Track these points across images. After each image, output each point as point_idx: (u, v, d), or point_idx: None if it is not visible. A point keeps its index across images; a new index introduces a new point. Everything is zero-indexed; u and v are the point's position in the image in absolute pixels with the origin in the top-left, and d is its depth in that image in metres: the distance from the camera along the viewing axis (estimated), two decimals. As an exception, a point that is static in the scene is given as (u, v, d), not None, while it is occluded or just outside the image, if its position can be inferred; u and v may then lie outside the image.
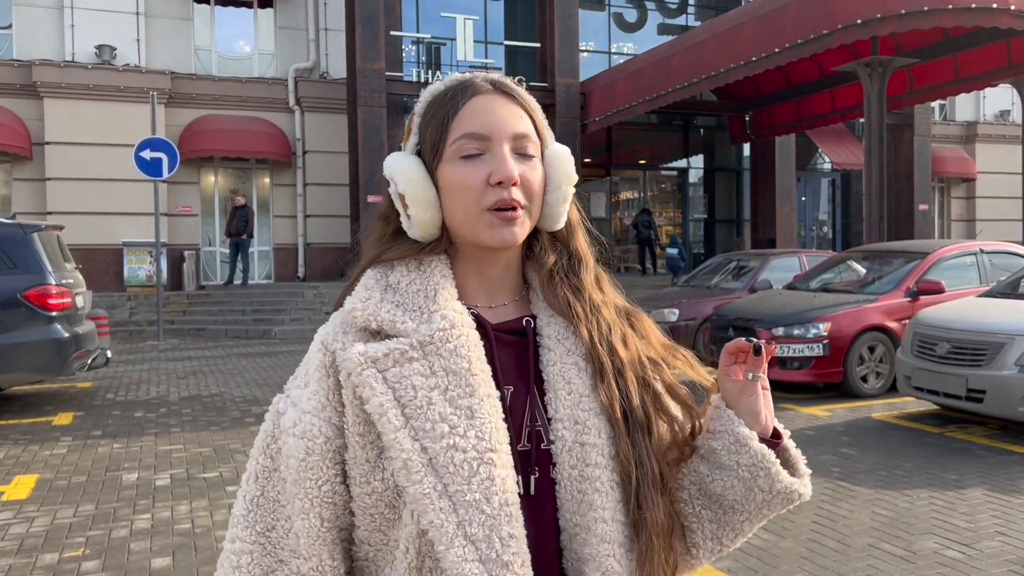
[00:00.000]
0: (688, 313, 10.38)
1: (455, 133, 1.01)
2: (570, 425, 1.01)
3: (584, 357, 1.05)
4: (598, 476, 1.00)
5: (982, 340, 6.25)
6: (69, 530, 4.42)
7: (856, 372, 7.94)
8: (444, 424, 0.95)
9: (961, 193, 24.24)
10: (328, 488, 0.98)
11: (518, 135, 1.02)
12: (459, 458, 0.94)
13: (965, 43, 13.86)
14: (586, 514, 0.99)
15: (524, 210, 1.02)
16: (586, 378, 1.04)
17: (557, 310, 1.06)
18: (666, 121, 20.99)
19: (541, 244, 1.10)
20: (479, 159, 1.01)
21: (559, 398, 1.02)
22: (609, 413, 1.02)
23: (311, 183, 17.98)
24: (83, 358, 7.80)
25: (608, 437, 1.02)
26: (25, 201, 16.10)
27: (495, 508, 0.94)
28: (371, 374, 0.96)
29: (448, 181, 1.02)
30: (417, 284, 1.03)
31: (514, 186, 1.00)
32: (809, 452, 5.82)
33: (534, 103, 1.08)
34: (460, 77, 1.06)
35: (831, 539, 4.15)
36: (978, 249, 8.85)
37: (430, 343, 0.98)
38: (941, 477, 5.24)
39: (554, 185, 1.06)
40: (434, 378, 0.97)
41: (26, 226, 7.71)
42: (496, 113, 1.02)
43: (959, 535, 4.18)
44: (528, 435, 1.02)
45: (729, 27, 13.89)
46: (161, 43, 17.07)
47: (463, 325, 1.00)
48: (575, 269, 1.10)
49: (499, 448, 0.96)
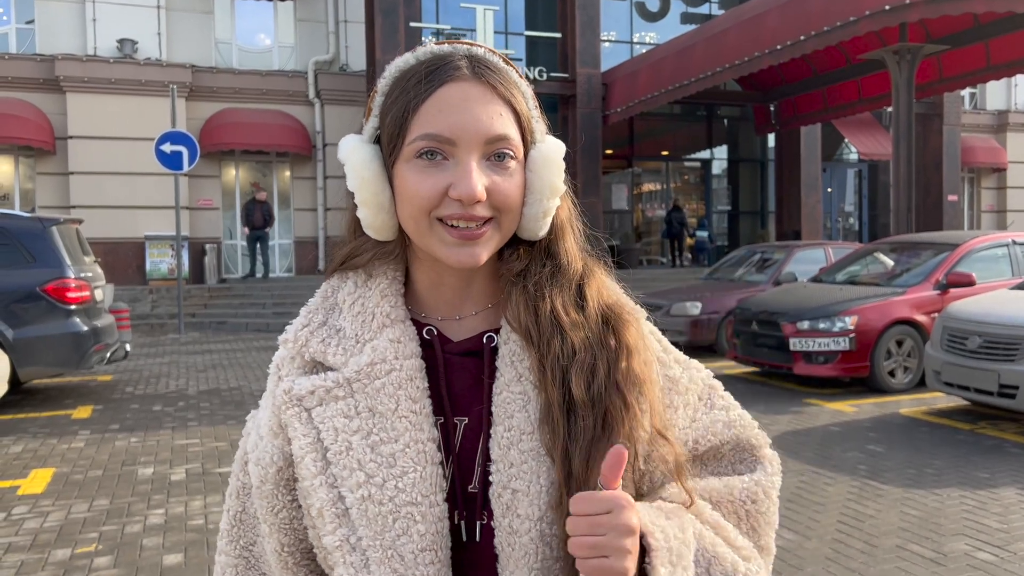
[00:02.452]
0: (711, 306, 10.23)
1: (416, 129, 0.85)
2: (504, 468, 0.86)
3: (535, 384, 0.88)
4: (526, 530, 0.84)
5: (1015, 334, 6.06)
6: (83, 525, 4.39)
7: (883, 367, 7.76)
8: (361, 472, 0.85)
9: (992, 183, 23.77)
10: (284, 515, 0.92)
11: (492, 138, 0.85)
12: (373, 511, 0.85)
13: (997, 29, 13.52)
14: (513, 572, 0.85)
15: (491, 223, 0.86)
16: (533, 411, 0.87)
17: (516, 324, 0.89)
18: (689, 111, 20.76)
19: (515, 248, 0.93)
20: (440, 163, 0.85)
21: (497, 435, 0.87)
22: (551, 455, 0.85)
23: (331, 176, 17.96)
24: (102, 352, 7.81)
25: (550, 484, 0.85)
26: (49, 195, 16.23)
27: (408, 567, 0.84)
28: (294, 414, 0.89)
29: (401, 183, 0.87)
30: (359, 305, 0.92)
31: (478, 203, 0.85)
32: (835, 449, 5.70)
33: (523, 88, 0.90)
34: (435, 51, 0.89)
35: (858, 540, 4.02)
36: (1010, 240, 8.62)
37: (357, 379, 0.88)
38: (972, 476, 5.08)
39: (534, 197, 0.89)
40: (357, 419, 0.87)
41: (45, 220, 7.72)
42: (468, 111, 0.84)
43: (991, 536, 4.04)
44: (479, 474, 0.89)
45: (753, 15, 13.65)
46: (182, 37, 17.12)
47: (397, 356, 0.88)
48: (550, 277, 0.92)
49: (422, 501, 0.85)
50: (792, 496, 4.71)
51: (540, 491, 0.85)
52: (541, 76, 17.32)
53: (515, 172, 0.87)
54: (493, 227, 0.87)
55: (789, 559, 3.79)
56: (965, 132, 21.89)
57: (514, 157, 0.87)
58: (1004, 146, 23.07)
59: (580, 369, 0.87)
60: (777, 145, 20.70)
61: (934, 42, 13.59)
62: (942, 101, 19.82)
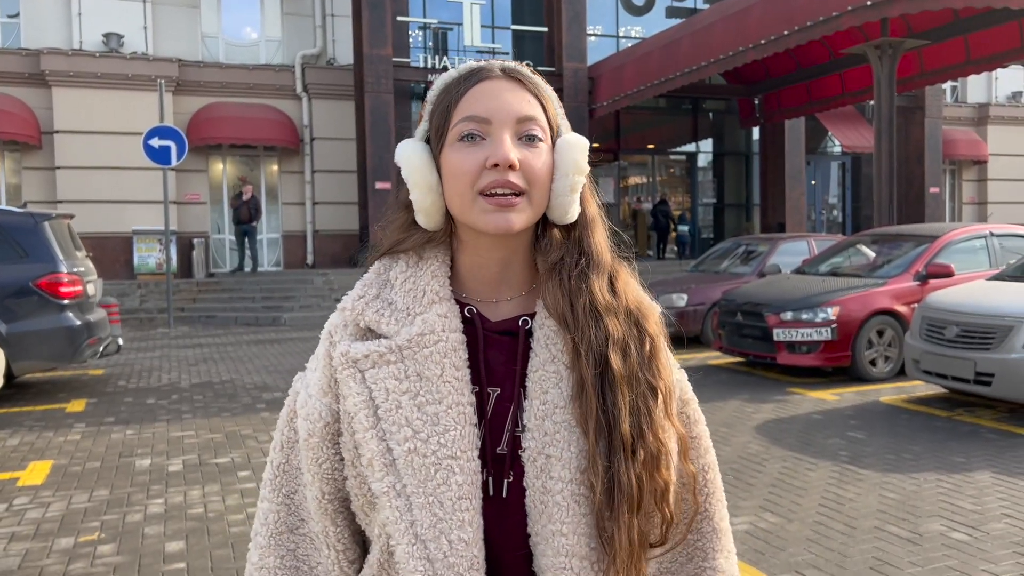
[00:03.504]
0: (697, 298, 10.39)
1: (458, 116, 1.00)
2: (539, 436, 0.99)
3: (568, 365, 1.00)
4: (560, 490, 0.98)
5: (991, 324, 6.24)
6: (84, 515, 4.48)
7: (865, 356, 7.94)
8: (408, 428, 0.98)
9: (973, 176, 24.07)
10: (327, 466, 1.04)
11: (522, 118, 0.99)
12: (418, 462, 0.97)
13: (976, 24, 13.72)
14: (546, 526, 0.98)
15: (524, 196, 0.98)
16: (565, 388, 1.00)
17: (552, 311, 1.02)
18: (675, 105, 20.91)
19: (549, 237, 1.04)
20: (479, 142, 0.98)
21: (532, 407, 1.00)
22: (583, 428, 0.98)
23: (319, 170, 18.01)
24: (95, 345, 7.87)
25: (579, 451, 0.98)
26: (35, 190, 16.19)
27: (447, 512, 0.96)
28: (350, 374, 1.01)
29: (447, 164, 1.00)
30: (411, 283, 1.04)
31: (512, 169, 0.97)
32: (817, 436, 5.86)
33: (548, 92, 1.05)
34: (473, 64, 1.04)
35: (838, 522, 4.17)
36: (988, 232, 8.82)
37: (408, 347, 1.00)
38: (949, 460, 5.25)
39: (560, 173, 1.01)
40: (406, 382, 0.99)
41: (37, 215, 7.76)
42: (501, 97, 1.00)
43: (966, 517, 4.20)
44: (508, 439, 1.02)
45: (738, 9, 13.80)
46: (168, 31, 17.09)
47: (444, 330, 1.00)
48: (584, 269, 1.03)
49: (460, 455, 0.97)
50: (775, 481, 4.87)
51: (571, 457, 0.98)
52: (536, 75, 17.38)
53: (544, 152, 1.00)
54: (525, 200, 0.98)
55: (772, 540, 3.94)
56: (946, 125, 22.14)
57: (542, 139, 1.01)
58: (985, 139, 23.37)
59: (615, 349, 1.00)
60: (762, 138, 20.90)
61: (915, 37, 13.77)
62: (924, 94, 20.05)
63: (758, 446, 5.68)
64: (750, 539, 3.96)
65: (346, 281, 15.43)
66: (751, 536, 4.00)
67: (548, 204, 1.02)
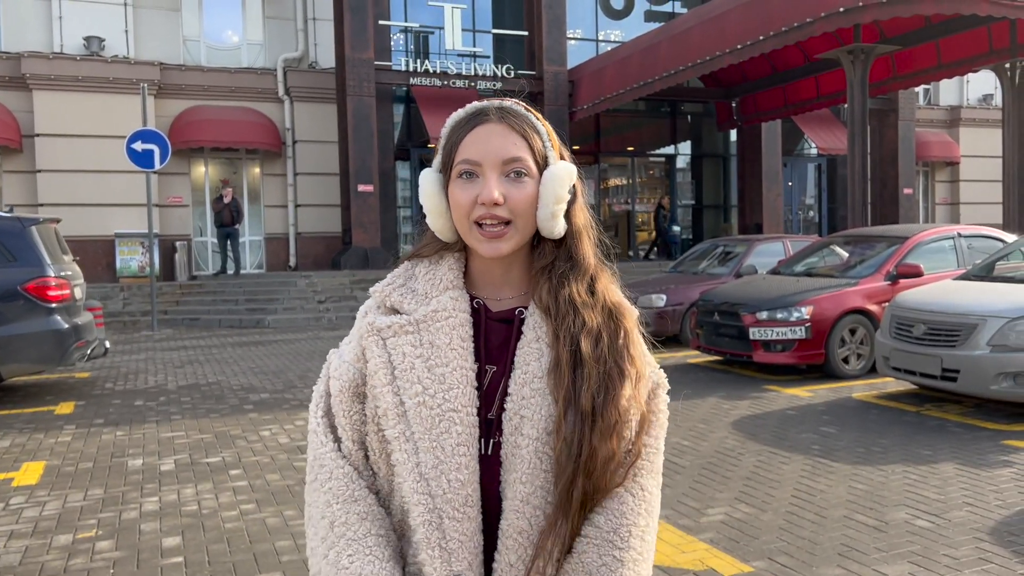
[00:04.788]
0: (675, 298, 10.60)
1: (459, 156, 1.21)
2: (517, 400, 1.18)
3: (549, 345, 1.20)
4: (526, 445, 1.16)
5: (956, 321, 6.48)
6: (80, 513, 4.60)
7: (838, 354, 8.18)
8: (419, 385, 1.18)
9: (945, 177, 24.52)
10: (356, 417, 1.26)
11: (508, 159, 1.19)
12: (425, 412, 1.17)
13: (947, 29, 14.06)
14: (511, 474, 1.17)
15: (511, 225, 1.19)
16: (544, 363, 1.19)
17: (539, 304, 1.22)
18: (654, 108, 21.16)
19: (542, 248, 1.25)
20: (474, 179, 1.20)
21: (515, 376, 1.20)
22: (555, 396, 1.17)
23: (301, 173, 18.08)
24: (83, 349, 7.95)
25: (548, 415, 1.17)
26: (16, 193, 16.15)
27: (447, 455, 1.16)
28: (374, 340, 1.23)
29: (451, 196, 1.23)
30: (431, 275, 1.26)
31: (497, 206, 1.17)
32: (791, 431, 6.07)
33: (539, 127, 1.24)
34: (477, 106, 1.24)
35: (809, 512, 4.37)
36: (956, 233, 9.08)
37: (423, 321, 1.22)
38: (916, 453, 5.47)
39: (543, 203, 1.21)
40: (420, 348, 1.20)
41: (24, 219, 7.84)
42: (491, 142, 1.19)
43: (929, 506, 4.41)
44: (497, 407, 1.21)
45: (715, 14, 14.05)
46: (150, 34, 17.11)
47: (455, 310, 1.22)
48: (569, 272, 1.23)
49: (461, 410, 1.18)
50: (749, 474, 5.06)
51: (541, 419, 1.17)
52: (508, 74, 17.58)
53: (528, 185, 1.20)
54: (512, 228, 1.20)
55: (746, 530, 4.13)
56: (919, 127, 22.56)
57: (527, 174, 1.20)
58: (957, 140, 23.81)
59: (588, 334, 1.20)
60: (739, 140, 21.20)
61: (887, 42, 14.10)
62: (897, 97, 20.43)
63: (734, 441, 5.88)
64: (725, 528, 4.15)
65: (329, 283, 15.53)
66: (726, 526, 4.19)
67: (536, 226, 1.22)
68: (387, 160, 17.52)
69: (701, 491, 4.76)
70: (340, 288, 15.44)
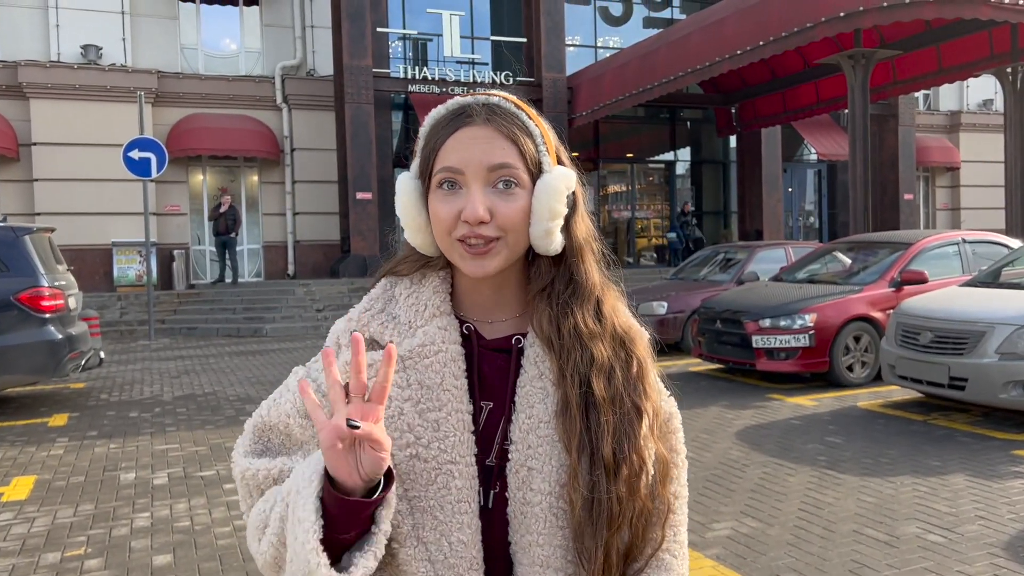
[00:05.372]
0: (677, 306, 10.50)
1: (439, 164, 1.04)
2: (522, 449, 1.03)
3: (554, 383, 1.05)
4: (538, 502, 1.02)
5: (963, 329, 6.38)
6: (70, 529, 4.48)
7: (842, 362, 8.07)
8: (410, 434, 1.02)
9: (946, 182, 24.45)
10: None
11: (494, 167, 1.02)
12: (419, 467, 1.02)
13: (947, 34, 14.00)
14: (524, 536, 1.02)
15: (499, 241, 1.02)
16: (550, 404, 1.04)
17: (539, 334, 1.07)
18: (653, 114, 21.11)
19: (538, 266, 1.09)
20: (456, 192, 1.02)
21: (519, 421, 1.04)
22: (566, 443, 1.02)
23: (299, 180, 18.00)
24: (77, 359, 7.84)
25: (560, 465, 1.02)
26: (13, 202, 16.06)
27: (447, 515, 1.01)
28: None
29: (431, 208, 1.05)
30: (413, 298, 1.09)
31: (483, 224, 1.01)
32: (796, 441, 5.96)
33: (531, 128, 1.06)
34: (460, 102, 1.06)
35: (817, 526, 4.26)
36: (960, 239, 8.99)
37: (409, 357, 1.05)
38: (924, 464, 5.36)
39: (536, 218, 1.03)
40: (408, 390, 1.04)
41: (18, 229, 7.74)
42: (475, 147, 1.02)
43: (941, 520, 4.30)
44: (497, 452, 1.05)
45: (714, 20, 13.99)
46: (147, 42, 17.04)
47: (443, 342, 1.05)
48: (570, 294, 1.08)
49: (459, 460, 1.02)
50: (755, 487, 4.95)
51: (552, 471, 1.02)
52: (507, 80, 17.52)
53: (519, 197, 1.03)
54: (501, 243, 1.03)
55: (753, 545, 4.02)
56: (919, 132, 22.51)
57: (518, 184, 1.03)
58: (957, 145, 23.75)
59: (599, 372, 1.04)
60: (739, 146, 21.14)
61: (888, 46, 14.02)
62: (897, 102, 20.39)
63: (738, 452, 5.77)
64: (731, 544, 4.04)
65: (327, 291, 15.43)
66: (732, 541, 4.08)
67: (529, 242, 1.06)
68: (386, 168, 17.44)
69: (706, 504, 4.65)
70: (338, 296, 15.33)
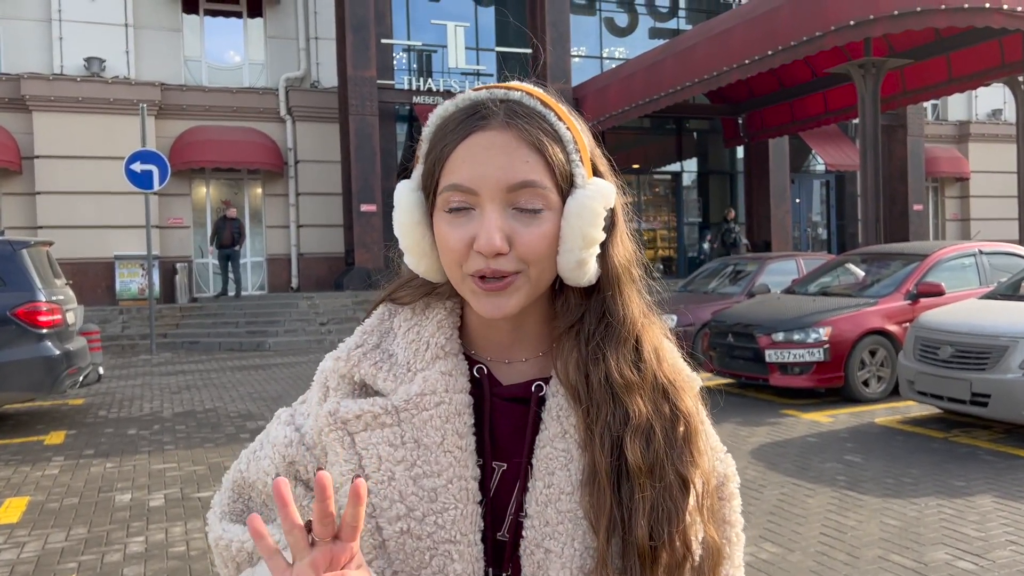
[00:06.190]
0: (687, 319, 10.30)
1: (444, 180, 0.85)
2: (538, 525, 0.84)
3: (580, 445, 0.85)
4: None
5: (986, 343, 6.18)
6: (61, 555, 4.31)
7: (858, 377, 7.87)
8: (402, 505, 0.84)
9: (955, 193, 24.25)
10: None
11: (514, 186, 0.82)
12: (411, 545, 0.84)
13: (958, 43, 13.85)
14: None
15: (519, 276, 0.84)
16: (574, 471, 0.85)
17: (564, 382, 0.87)
18: (659, 125, 20.97)
19: (566, 297, 0.90)
20: (467, 215, 0.83)
21: (535, 490, 0.85)
22: (592, 522, 0.83)
23: (303, 193, 17.89)
24: (75, 375, 7.68)
25: (584, 549, 0.83)
26: (15, 216, 15.98)
27: None
28: (337, 437, 0.87)
29: (437, 233, 0.87)
30: (413, 334, 0.91)
31: (501, 256, 0.82)
32: (814, 460, 5.77)
33: (561, 131, 0.86)
34: (471, 97, 0.87)
35: (840, 551, 4.07)
36: (977, 250, 8.80)
37: (405, 408, 0.87)
38: (949, 484, 5.16)
39: (566, 246, 0.84)
40: (402, 449, 0.86)
41: (15, 243, 7.60)
42: (491, 161, 0.82)
43: (970, 545, 4.11)
44: (511, 524, 0.87)
45: (721, 30, 13.86)
46: (150, 55, 16.98)
47: (448, 390, 0.87)
48: (604, 334, 0.88)
49: (461, 539, 0.84)
50: (774, 509, 4.76)
51: (573, 555, 0.83)
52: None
53: (545, 220, 0.84)
54: (522, 278, 0.84)
55: (774, 572, 3.83)
56: (928, 143, 22.33)
57: (544, 206, 0.84)
58: (966, 156, 23.57)
59: (636, 433, 0.84)
60: (746, 157, 20.98)
61: (897, 56, 13.88)
62: (906, 112, 20.23)
63: (755, 472, 5.57)
64: (751, 571, 3.85)
65: (331, 304, 15.28)
66: (752, 568, 3.89)
67: (556, 273, 0.87)
68: (390, 179, 17.31)
69: (723, 528, 4.45)
70: (342, 309, 15.18)
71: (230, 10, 17.93)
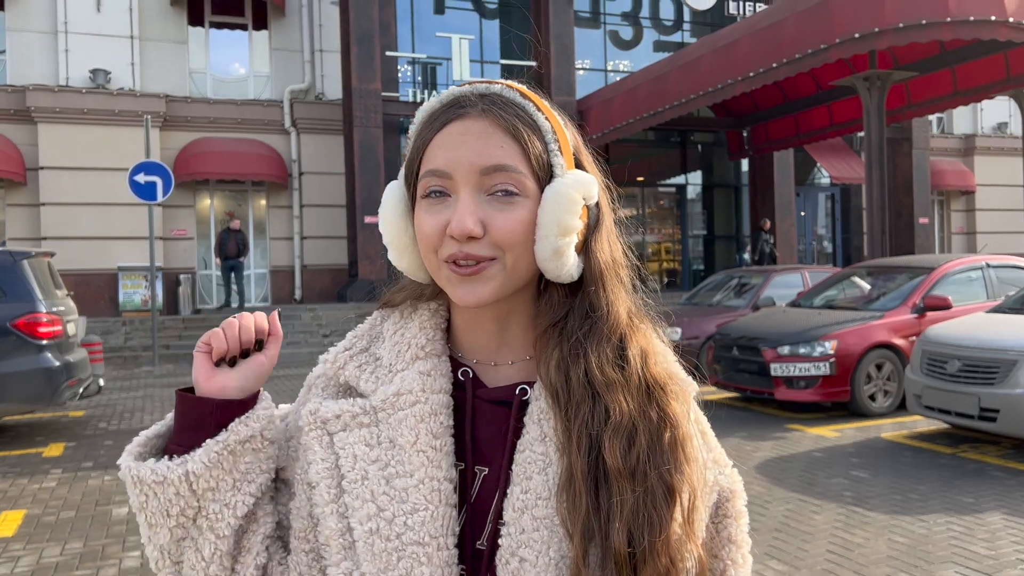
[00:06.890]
0: (691, 332, 10.23)
1: (424, 167, 0.85)
2: (514, 532, 0.81)
3: (559, 449, 0.82)
4: None
5: (994, 358, 6.11)
6: (55, 570, 4.25)
7: (864, 391, 7.79)
8: (372, 504, 0.83)
9: (961, 206, 24.17)
10: None
11: (488, 168, 0.82)
12: (379, 546, 0.82)
13: (963, 56, 13.80)
14: None
15: (494, 262, 0.82)
16: (552, 476, 0.82)
17: (545, 383, 0.85)
18: (664, 138, 20.95)
19: (549, 295, 0.88)
20: (444, 201, 0.83)
21: (513, 496, 0.83)
22: (568, 528, 0.79)
23: (307, 205, 17.89)
24: (75, 387, 7.63)
25: (560, 557, 0.80)
26: (19, 227, 15.99)
27: None
28: (316, 437, 0.87)
29: (416, 223, 0.86)
30: (399, 335, 0.91)
31: (473, 240, 0.81)
32: (820, 475, 5.69)
33: (539, 121, 0.86)
34: (455, 92, 0.88)
35: (848, 570, 3.99)
36: (984, 263, 8.73)
37: (382, 408, 0.86)
38: (957, 501, 5.08)
39: (541, 235, 0.83)
40: (377, 449, 0.85)
41: (15, 253, 7.57)
42: (466, 144, 0.82)
43: (980, 564, 4.03)
44: (490, 532, 0.84)
45: (725, 43, 13.84)
46: (156, 66, 17.02)
47: (424, 391, 0.86)
48: (587, 335, 0.85)
49: (430, 542, 0.81)
50: (779, 526, 4.68)
51: (548, 564, 0.80)
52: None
53: (520, 206, 0.83)
54: (496, 265, 0.83)
55: (780, 591, 3.75)
56: (933, 156, 22.28)
57: (519, 192, 0.83)
58: (972, 169, 23.49)
59: (616, 434, 0.81)
60: (751, 170, 20.94)
61: (902, 68, 13.84)
62: (911, 125, 20.18)
63: (760, 487, 5.49)
64: (757, 590, 3.77)
65: (334, 316, 15.24)
66: (758, 587, 3.81)
67: (536, 264, 0.85)
68: (394, 191, 17.32)
69: (728, 545, 4.37)
70: (346, 321, 15.14)
71: (235, 22, 17.98)
